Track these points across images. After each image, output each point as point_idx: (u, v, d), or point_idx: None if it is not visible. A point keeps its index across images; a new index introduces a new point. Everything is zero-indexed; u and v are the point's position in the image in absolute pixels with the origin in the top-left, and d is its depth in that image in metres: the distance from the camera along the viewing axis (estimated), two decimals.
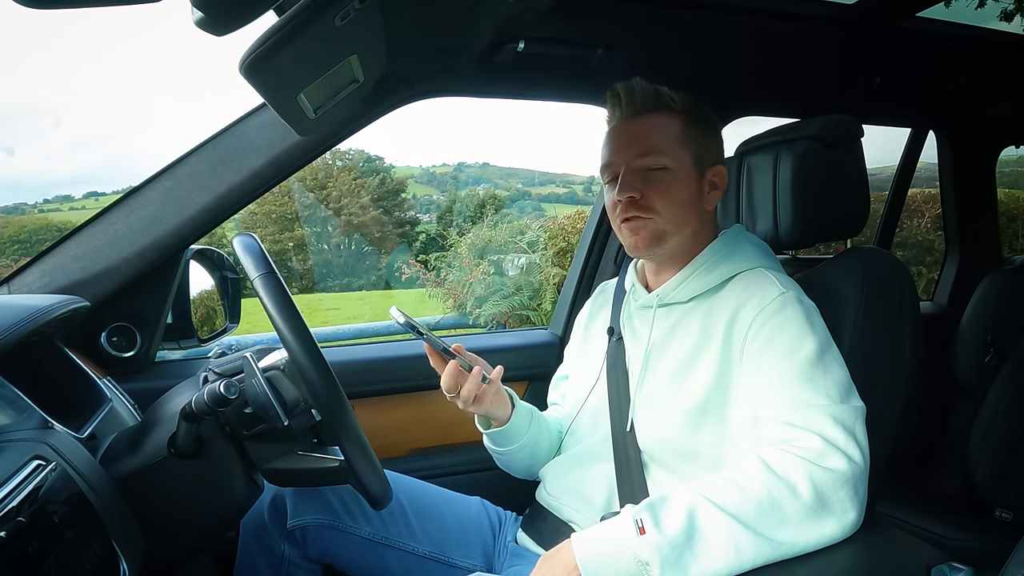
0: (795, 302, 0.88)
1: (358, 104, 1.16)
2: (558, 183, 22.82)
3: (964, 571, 0.68)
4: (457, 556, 1.05)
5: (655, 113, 0.96)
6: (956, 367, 1.74)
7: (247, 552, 1.04)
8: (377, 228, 16.84)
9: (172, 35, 67.90)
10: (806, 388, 0.81)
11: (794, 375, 0.82)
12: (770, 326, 0.86)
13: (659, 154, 0.94)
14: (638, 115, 0.97)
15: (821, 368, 0.82)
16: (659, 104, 0.97)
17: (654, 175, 0.94)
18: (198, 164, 1.14)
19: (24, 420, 0.75)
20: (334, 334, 5.86)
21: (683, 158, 0.95)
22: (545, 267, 5.51)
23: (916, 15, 1.30)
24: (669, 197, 0.94)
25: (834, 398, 0.80)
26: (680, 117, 0.96)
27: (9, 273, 1.10)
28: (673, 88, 0.98)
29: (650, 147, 0.95)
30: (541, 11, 1.04)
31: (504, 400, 1.02)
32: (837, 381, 0.82)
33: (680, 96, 0.97)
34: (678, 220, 0.96)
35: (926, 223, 5.17)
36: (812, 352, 0.83)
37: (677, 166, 0.95)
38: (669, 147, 0.95)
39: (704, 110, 0.99)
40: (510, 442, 1.04)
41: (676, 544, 0.71)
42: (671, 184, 0.94)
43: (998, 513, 1.60)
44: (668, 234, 0.96)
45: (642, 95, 0.97)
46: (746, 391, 0.86)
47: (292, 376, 0.84)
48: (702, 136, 0.98)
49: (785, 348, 0.84)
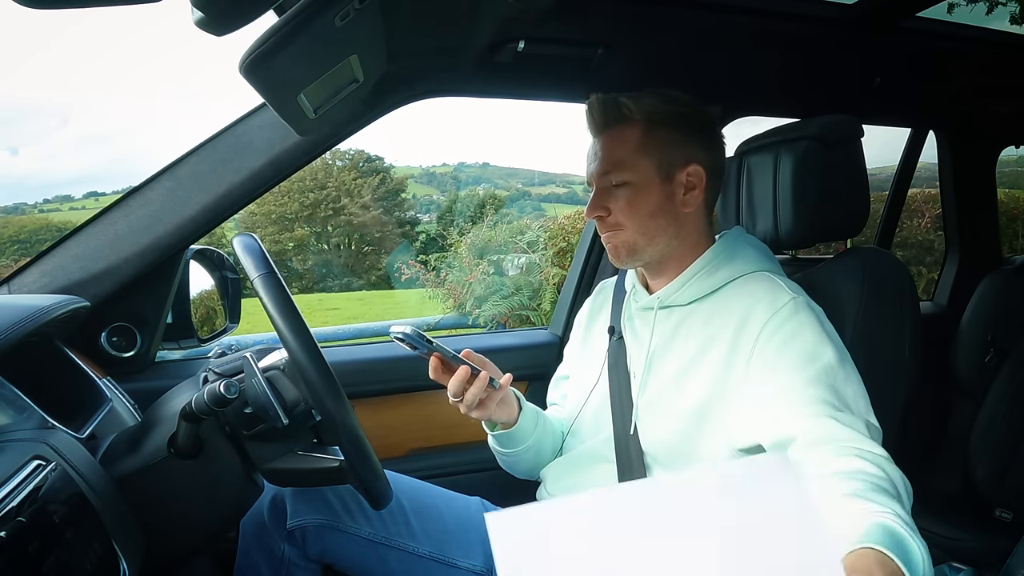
0: (806, 307, 0.88)
1: (358, 104, 1.16)
2: (558, 183, 22.84)
3: (964, 571, 0.68)
4: (457, 556, 1.05)
5: (616, 127, 0.97)
6: (956, 367, 1.74)
7: (247, 552, 1.04)
8: (377, 228, 16.84)
9: (173, 35, 67.94)
10: (827, 393, 0.79)
11: (814, 382, 0.80)
12: (783, 332, 0.86)
13: (619, 170, 0.95)
14: (601, 132, 0.98)
15: (842, 376, 0.82)
16: (618, 117, 0.97)
17: (617, 191, 0.96)
18: (198, 164, 1.14)
19: (24, 420, 0.75)
20: (334, 334, 5.87)
21: (644, 168, 0.95)
22: (545, 267, 5.52)
23: (916, 15, 1.30)
24: (633, 210, 0.95)
25: (860, 411, 0.79)
26: (639, 127, 0.96)
27: (9, 273, 1.10)
28: (647, 91, 0.97)
29: (610, 164, 0.96)
30: (541, 11, 1.04)
31: (510, 405, 1.01)
32: (857, 394, 0.81)
33: (640, 104, 0.96)
34: (646, 231, 0.96)
35: (926, 223, 5.17)
36: (832, 359, 0.82)
37: (638, 178, 0.95)
38: (629, 160, 0.95)
39: (676, 110, 0.96)
40: (516, 444, 1.04)
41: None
42: (633, 197, 0.95)
43: (998, 513, 1.60)
44: (640, 245, 0.97)
45: (600, 111, 0.98)
46: (758, 394, 0.84)
47: (292, 376, 0.84)
48: (667, 141, 0.96)
49: (802, 354, 0.83)
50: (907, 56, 1.45)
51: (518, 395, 1.04)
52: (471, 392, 0.90)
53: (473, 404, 0.92)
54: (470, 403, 0.91)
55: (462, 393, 0.91)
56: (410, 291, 8.58)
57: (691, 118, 0.98)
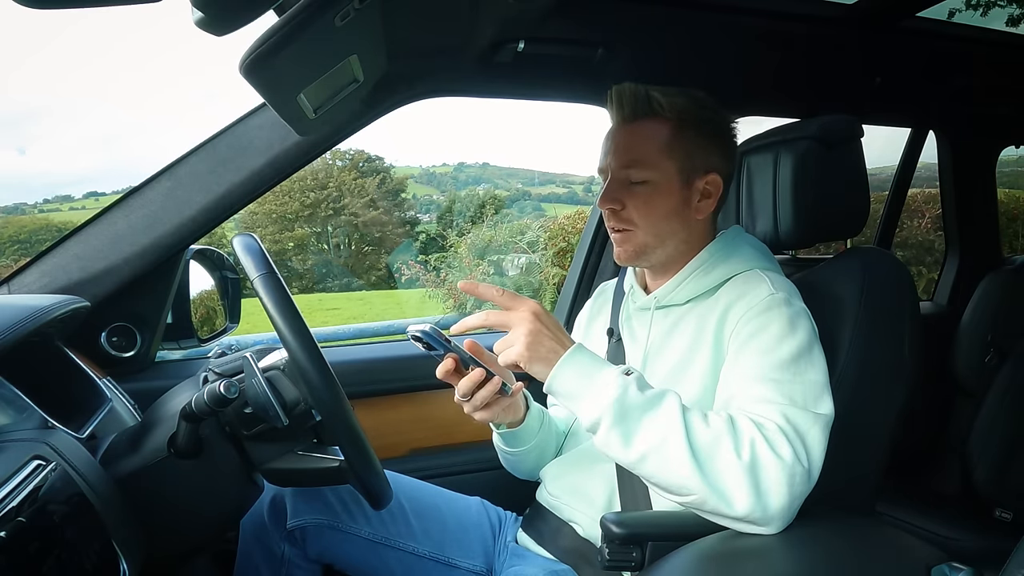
0: (782, 303, 0.88)
1: (358, 104, 1.16)
2: (558, 183, 22.81)
3: (964, 571, 0.68)
4: (457, 556, 1.05)
5: (644, 120, 0.95)
6: (956, 367, 1.74)
7: (247, 552, 1.04)
8: (377, 228, 16.84)
9: (173, 34, 68.02)
10: (770, 388, 0.81)
11: (763, 374, 0.82)
12: (753, 324, 0.87)
13: (641, 167, 0.94)
14: (628, 121, 0.96)
15: (791, 371, 0.82)
16: (648, 111, 0.95)
17: (635, 188, 0.94)
18: (198, 164, 1.14)
19: (24, 420, 0.75)
20: (334, 334, 5.87)
21: (667, 169, 0.94)
22: (545, 267, 5.52)
23: (917, 15, 1.30)
24: (648, 210, 0.94)
25: (796, 402, 0.80)
26: (670, 125, 0.94)
27: (9, 273, 1.10)
28: (674, 89, 0.96)
29: (633, 159, 0.94)
30: (541, 11, 1.04)
31: (517, 406, 1.00)
32: (806, 386, 0.82)
33: (673, 101, 0.94)
34: (659, 233, 0.95)
35: (926, 223, 5.17)
36: (787, 354, 0.83)
37: (660, 178, 0.94)
38: (652, 158, 0.94)
39: (705, 115, 0.96)
40: (521, 443, 1.04)
41: (634, 407, 0.77)
42: (651, 197, 0.94)
43: (998, 513, 1.60)
44: (650, 247, 0.96)
45: (631, 101, 0.95)
46: (722, 382, 0.87)
47: (292, 376, 0.84)
48: (693, 144, 0.95)
49: (763, 346, 0.84)
50: (907, 56, 1.45)
51: (526, 394, 1.03)
52: (481, 394, 0.87)
53: (479, 406, 0.89)
54: (477, 405, 0.89)
55: (471, 394, 0.88)
56: (410, 291, 8.58)
57: (717, 124, 0.98)
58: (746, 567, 0.75)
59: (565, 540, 0.99)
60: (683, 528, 0.83)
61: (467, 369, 0.86)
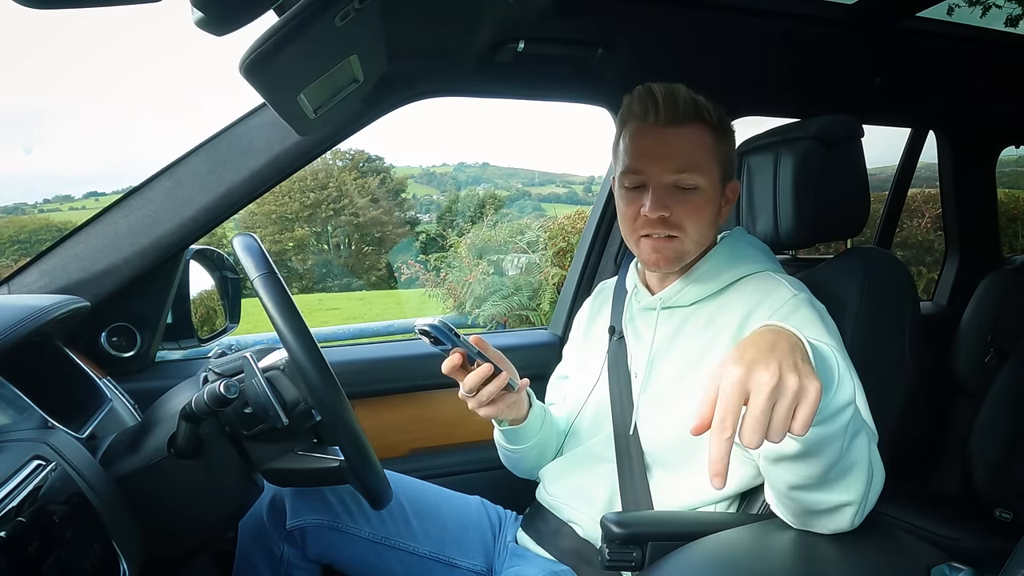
0: (807, 303, 0.88)
1: (358, 104, 1.16)
2: (558, 183, 22.81)
3: (964, 571, 0.68)
4: (457, 556, 1.05)
5: (691, 124, 0.90)
6: (956, 367, 1.74)
7: (246, 553, 1.04)
8: (377, 228, 16.84)
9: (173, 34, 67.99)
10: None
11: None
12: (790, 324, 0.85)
13: (694, 172, 0.90)
14: (674, 124, 0.90)
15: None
16: (692, 115, 0.90)
17: (685, 194, 0.91)
18: (198, 164, 1.14)
19: (24, 420, 0.75)
20: (334, 334, 5.87)
21: (713, 175, 0.92)
22: (545, 267, 5.52)
23: (916, 15, 1.30)
24: (698, 217, 0.92)
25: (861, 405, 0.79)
26: (712, 131, 0.92)
27: (9, 273, 1.10)
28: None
29: (686, 164, 0.90)
30: (541, 11, 1.04)
31: (521, 404, 0.99)
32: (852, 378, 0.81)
33: (712, 106, 0.92)
34: (701, 240, 0.95)
35: (926, 223, 5.17)
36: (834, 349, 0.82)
37: (708, 184, 0.91)
38: (704, 164, 0.91)
39: (726, 120, 0.95)
40: (522, 440, 1.04)
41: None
42: (701, 204, 0.91)
43: (998, 513, 1.60)
44: (689, 253, 0.95)
45: (684, 104, 0.90)
46: None
47: (292, 376, 0.84)
48: (728, 150, 0.95)
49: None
50: (907, 56, 1.45)
51: (529, 392, 1.03)
52: (487, 390, 0.87)
53: (485, 402, 0.89)
54: (483, 400, 0.88)
55: (477, 389, 0.88)
56: (410, 291, 8.58)
57: (732, 130, 0.98)
58: (746, 567, 0.75)
59: (565, 541, 0.99)
60: (683, 528, 0.83)
61: (473, 365, 0.87)
